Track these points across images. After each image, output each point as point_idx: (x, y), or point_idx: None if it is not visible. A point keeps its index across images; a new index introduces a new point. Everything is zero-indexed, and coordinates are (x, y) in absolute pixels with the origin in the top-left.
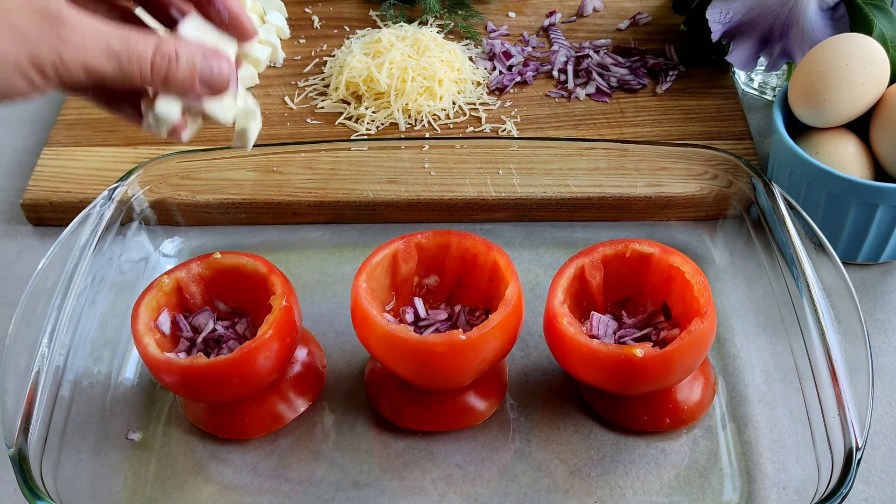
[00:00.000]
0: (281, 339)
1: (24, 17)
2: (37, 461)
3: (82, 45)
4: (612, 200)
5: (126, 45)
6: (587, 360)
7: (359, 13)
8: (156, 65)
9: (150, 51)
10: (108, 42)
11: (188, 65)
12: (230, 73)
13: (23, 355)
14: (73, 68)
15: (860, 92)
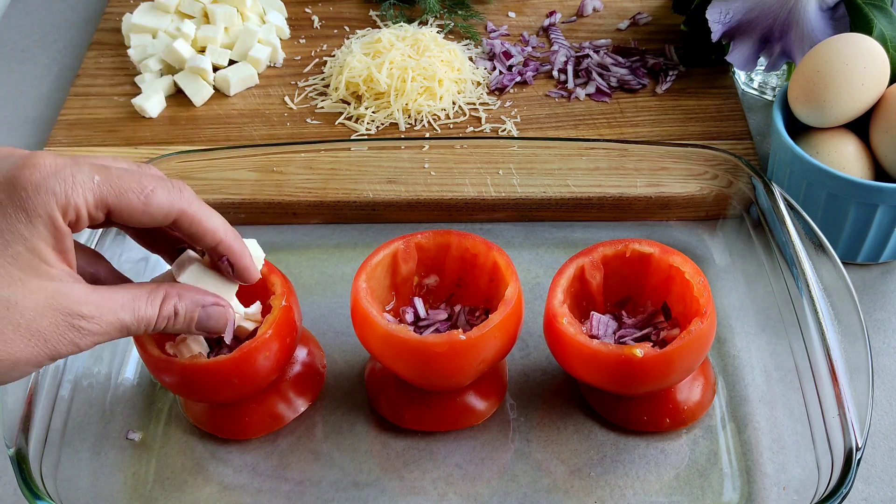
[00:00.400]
0: (281, 339)
1: (48, 321)
2: (37, 461)
3: (99, 332)
4: (612, 200)
5: (136, 316)
6: (587, 360)
7: (359, 13)
8: (158, 325)
9: (155, 314)
10: (121, 319)
11: (186, 319)
12: (226, 320)
13: None
14: (87, 349)
15: (860, 92)
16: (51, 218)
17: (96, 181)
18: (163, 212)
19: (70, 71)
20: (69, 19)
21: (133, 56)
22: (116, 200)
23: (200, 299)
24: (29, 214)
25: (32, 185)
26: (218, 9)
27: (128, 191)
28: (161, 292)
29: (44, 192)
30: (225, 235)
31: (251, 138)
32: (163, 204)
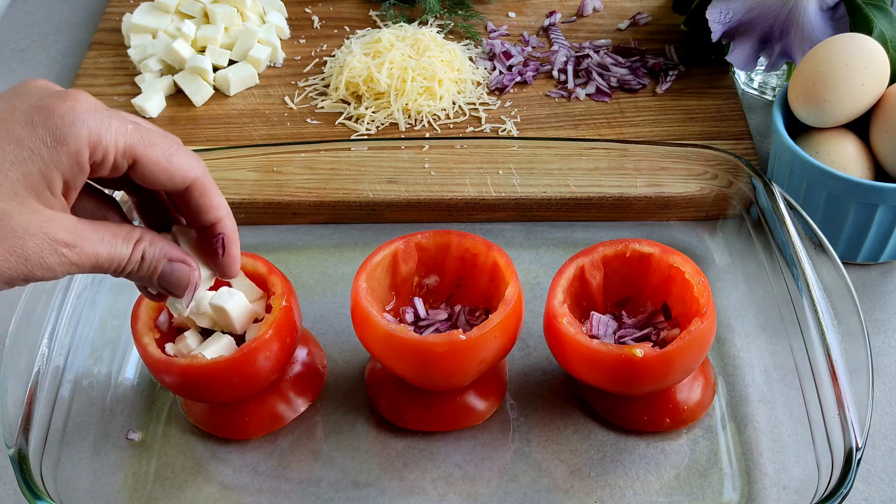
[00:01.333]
0: (281, 340)
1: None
2: (37, 461)
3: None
4: (612, 200)
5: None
6: (587, 360)
7: (359, 13)
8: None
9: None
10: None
11: (150, 267)
12: (188, 281)
13: (23, 355)
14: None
15: (860, 92)
16: (77, 151)
17: (129, 129)
18: (182, 173)
19: (70, 71)
20: (69, 19)
21: (133, 56)
22: (144, 152)
23: (169, 251)
24: (56, 140)
25: (70, 115)
26: (218, 9)
27: (155, 145)
28: (136, 234)
29: (79, 125)
30: (227, 215)
31: (251, 138)
32: (183, 166)
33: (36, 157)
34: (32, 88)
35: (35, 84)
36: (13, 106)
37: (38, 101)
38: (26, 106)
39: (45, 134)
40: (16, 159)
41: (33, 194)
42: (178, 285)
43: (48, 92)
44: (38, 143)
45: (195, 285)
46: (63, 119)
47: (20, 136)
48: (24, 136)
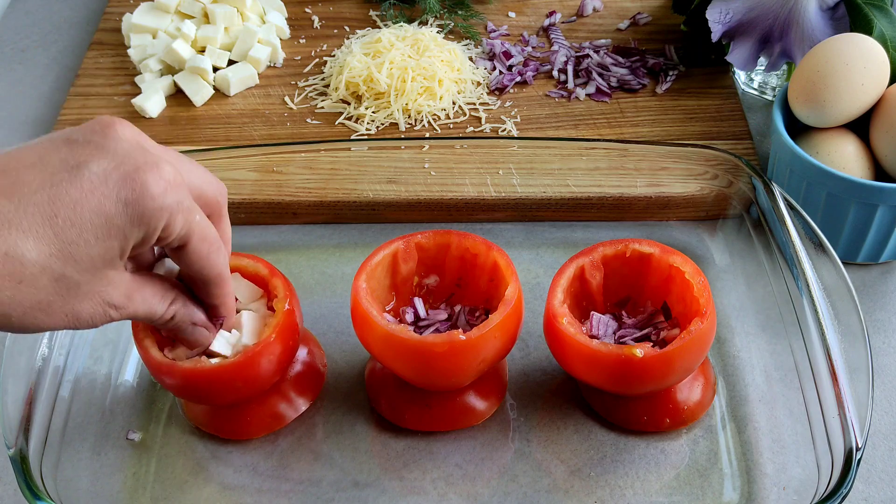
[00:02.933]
0: (284, 342)
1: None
2: (37, 461)
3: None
4: (612, 200)
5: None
6: (587, 360)
7: (359, 13)
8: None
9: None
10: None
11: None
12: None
13: (23, 355)
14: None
15: (860, 92)
16: (154, 231)
17: (196, 219)
18: (210, 270)
19: (70, 71)
20: (69, 19)
21: (133, 56)
22: (195, 244)
23: (195, 316)
24: (142, 221)
25: (160, 198)
26: (218, 9)
27: (205, 240)
28: (171, 295)
29: (164, 210)
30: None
31: (251, 138)
32: (217, 265)
33: (120, 235)
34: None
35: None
36: (106, 174)
37: (132, 171)
38: (120, 174)
39: (133, 213)
40: (101, 235)
41: (108, 265)
42: (193, 346)
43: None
44: (125, 222)
45: (206, 348)
46: (154, 202)
47: (110, 212)
48: (114, 214)
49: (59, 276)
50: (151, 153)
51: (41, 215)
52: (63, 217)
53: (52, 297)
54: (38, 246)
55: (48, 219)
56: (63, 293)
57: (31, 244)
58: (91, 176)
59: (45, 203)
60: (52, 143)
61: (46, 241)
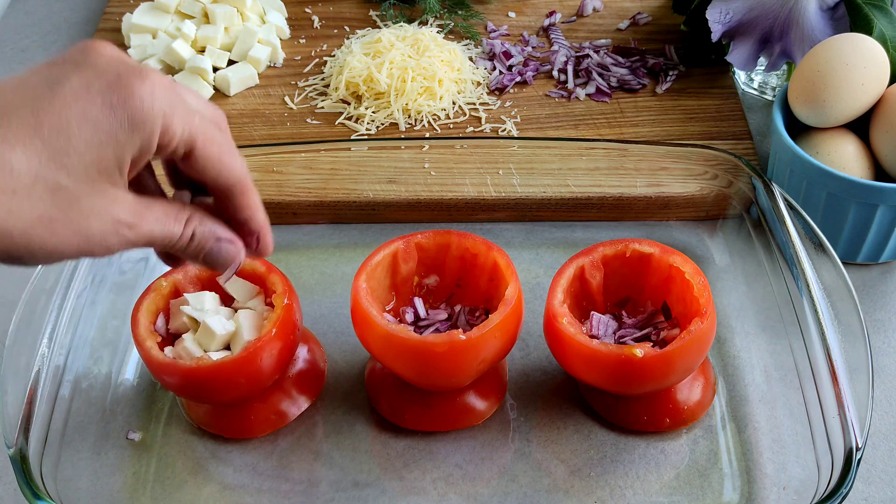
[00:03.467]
0: (284, 338)
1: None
2: (37, 461)
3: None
4: (612, 200)
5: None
6: (587, 360)
7: (359, 13)
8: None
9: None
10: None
11: (198, 246)
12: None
13: (23, 355)
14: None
15: (860, 92)
16: (150, 134)
17: (196, 121)
18: (227, 173)
19: None
20: (69, 19)
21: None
22: (202, 146)
23: (218, 231)
24: (133, 125)
25: (149, 98)
26: (218, 9)
27: (213, 142)
28: (187, 213)
29: (156, 106)
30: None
31: (251, 138)
32: (234, 168)
33: (112, 141)
34: (105, 59)
35: (106, 53)
36: (88, 82)
37: (114, 79)
38: (102, 83)
39: (123, 116)
40: (92, 141)
41: (104, 176)
42: (223, 264)
43: (124, 66)
44: (115, 126)
45: (238, 263)
46: (142, 100)
47: (97, 117)
48: (102, 119)
49: (54, 185)
50: (135, 65)
51: (26, 126)
52: (49, 126)
53: (52, 211)
54: (26, 155)
55: (33, 129)
56: (63, 206)
57: (20, 154)
58: (72, 85)
59: (29, 115)
60: (33, 69)
61: (35, 150)
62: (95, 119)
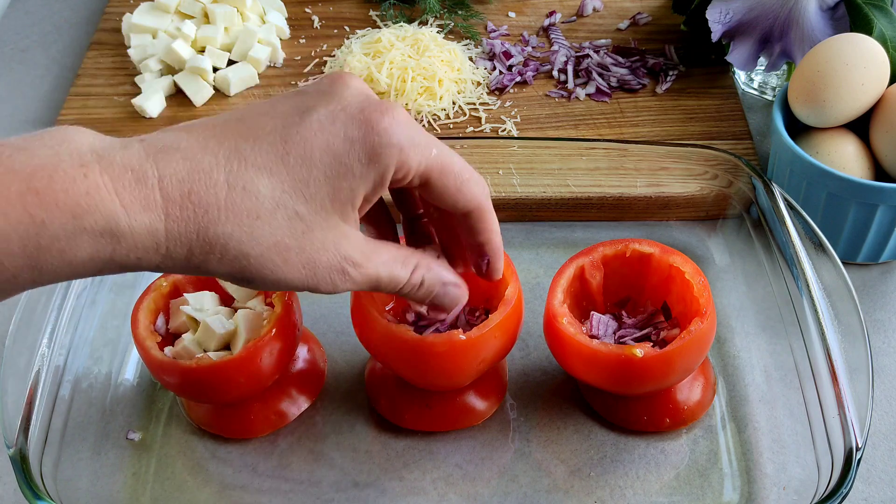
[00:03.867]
0: (284, 337)
1: (326, 257)
2: (37, 461)
3: (357, 282)
4: (612, 200)
5: (389, 276)
6: (587, 360)
7: (359, 13)
8: (403, 290)
9: (405, 280)
10: (378, 275)
11: (426, 292)
12: (459, 303)
13: (23, 355)
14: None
15: (860, 92)
16: (386, 170)
17: (433, 154)
18: (465, 202)
19: (70, 71)
20: (69, 19)
21: (133, 56)
22: (438, 178)
23: (444, 276)
24: (371, 159)
25: (387, 133)
26: (218, 9)
27: (450, 173)
28: (414, 260)
29: (394, 144)
30: (496, 235)
31: None
32: (470, 195)
33: (349, 174)
34: (352, 92)
35: (353, 85)
36: (333, 115)
37: (358, 113)
38: (346, 116)
39: (362, 150)
40: (331, 174)
41: (338, 210)
42: (448, 307)
43: (367, 101)
44: (354, 159)
45: (462, 304)
46: (381, 137)
47: (338, 150)
48: (342, 152)
49: (293, 213)
50: (378, 100)
51: (274, 154)
52: (294, 155)
53: (288, 239)
54: (271, 182)
55: (280, 157)
56: (298, 235)
57: (266, 180)
58: (319, 117)
59: (278, 143)
60: (285, 95)
61: (279, 177)
62: (336, 152)
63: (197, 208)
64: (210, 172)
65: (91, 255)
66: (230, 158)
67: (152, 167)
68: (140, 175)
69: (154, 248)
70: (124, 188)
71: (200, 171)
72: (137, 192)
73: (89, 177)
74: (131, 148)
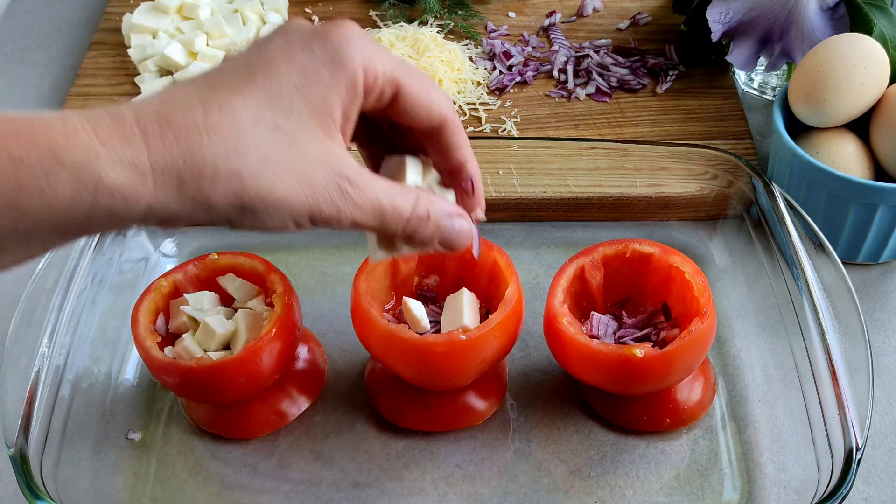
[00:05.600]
0: (284, 337)
1: (320, 171)
2: (37, 461)
3: (360, 206)
4: (612, 200)
5: (392, 205)
6: (587, 360)
7: (359, 13)
8: (409, 224)
9: (408, 210)
10: (380, 202)
11: (434, 226)
12: (471, 234)
13: (23, 355)
14: (343, 223)
15: (860, 92)
16: (354, 72)
17: (393, 58)
18: (438, 107)
19: (70, 71)
20: (69, 19)
21: (133, 56)
22: (406, 81)
23: (448, 207)
24: (334, 62)
25: (346, 39)
26: (218, 10)
27: (415, 76)
28: (413, 192)
29: (354, 47)
30: (472, 154)
31: None
32: (440, 100)
33: (318, 81)
34: (300, 23)
35: (301, 21)
36: (288, 37)
37: (311, 32)
38: (301, 35)
39: (324, 56)
40: (299, 83)
41: (317, 121)
42: (463, 242)
43: (318, 24)
44: (318, 65)
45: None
46: (340, 42)
47: (301, 60)
48: (305, 61)
49: (272, 125)
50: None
51: (241, 77)
52: (261, 74)
53: (276, 153)
54: (244, 100)
55: (248, 78)
56: (283, 147)
57: (240, 99)
58: (276, 43)
59: (243, 69)
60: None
61: (252, 95)
62: (300, 62)
63: (178, 134)
64: (184, 102)
65: (72, 194)
66: (201, 89)
67: (129, 109)
68: (116, 117)
69: (141, 183)
70: (101, 128)
71: (174, 101)
72: (115, 130)
73: (67, 122)
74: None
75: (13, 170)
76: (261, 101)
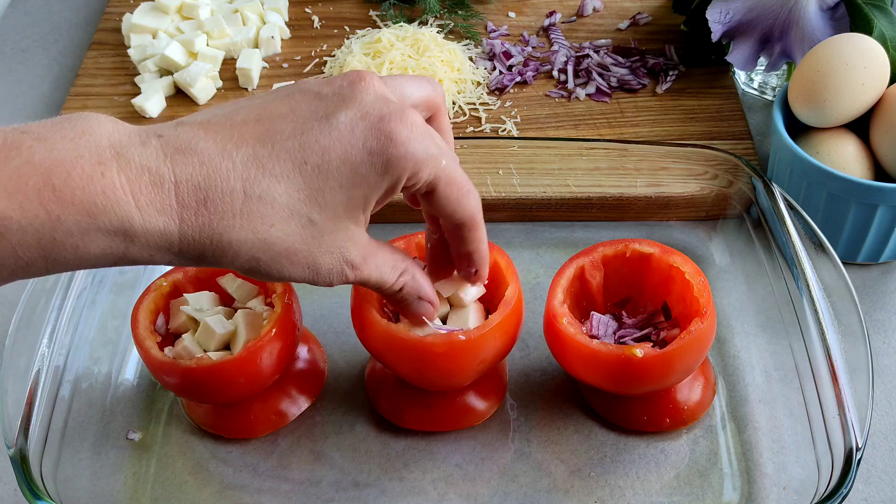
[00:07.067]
0: (284, 337)
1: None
2: (37, 461)
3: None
4: (612, 200)
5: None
6: (587, 360)
7: (359, 13)
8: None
9: (390, 283)
10: (369, 277)
11: (401, 297)
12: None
13: (23, 355)
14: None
15: (860, 92)
16: (398, 179)
17: (442, 165)
18: (461, 213)
19: (70, 71)
20: (69, 19)
21: (133, 56)
22: (443, 188)
23: (422, 290)
24: (387, 169)
25: (405, 146)
26: (217, 10)
27: (453, 183)
28: (403, 266)
29: (409, 156)
30: (483, 245)
31: None
32: (468, 208)
33: (364, 183)
34: (370, 98)
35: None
36: (353, 123)
37: (377, 122)
38: (366, 126)
39: (379, 163)
40: (346, 183)
41: (349, 214)
42: (415, 320)
43: (386, 107)
44: (370, 170)
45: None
46: (398, 150)
47: (356, 161)
48: (360, 162)
49: (307, 221)
50: (397, 107)
51: (292, 161)
52: (312, 164)
53: (299, 245)
54: (287, 190)
55: (298, 166)
56: (308, 241)
57: (282, 188)
58: (339, 125)
59: (297, 150)
60: (303, 94)
61: (296, 186)
62: (354, 163)
63: (212, 216)
64: (227, 179)
65: (104, 250)
66: (247, 165)
67: (169, 170)
68: (157, 178)
69: (167, 248)
70: (140, 190)
71: (217, 177)
72: (153, 194)
73: (106, 175)
74: (149, 146)
75: (50, 228)
76: (302, 196)
